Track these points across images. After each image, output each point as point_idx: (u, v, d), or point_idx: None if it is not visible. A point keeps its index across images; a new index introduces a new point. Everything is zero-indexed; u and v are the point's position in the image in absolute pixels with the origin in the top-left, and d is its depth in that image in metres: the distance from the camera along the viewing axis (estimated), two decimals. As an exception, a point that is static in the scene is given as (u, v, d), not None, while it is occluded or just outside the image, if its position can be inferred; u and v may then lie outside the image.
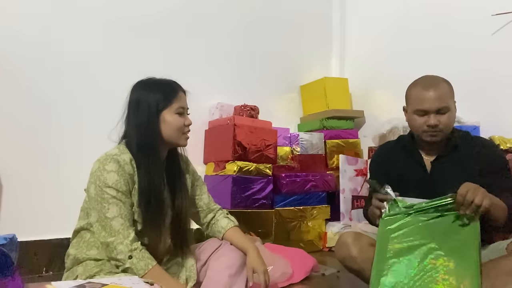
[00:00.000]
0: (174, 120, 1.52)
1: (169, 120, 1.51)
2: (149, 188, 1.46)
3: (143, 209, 1.46)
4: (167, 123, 1.51)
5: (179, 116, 1.53)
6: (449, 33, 2.88)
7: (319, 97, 3.44)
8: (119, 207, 1.41)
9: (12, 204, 2.35)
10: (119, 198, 1.42)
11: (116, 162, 1.44)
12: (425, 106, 1.55)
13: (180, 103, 1.54)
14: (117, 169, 1.43)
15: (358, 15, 3.68)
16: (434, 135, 1.57)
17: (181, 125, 1.53)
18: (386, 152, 1.78)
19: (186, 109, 1.57)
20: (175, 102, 1.53)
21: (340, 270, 2.22)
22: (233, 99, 3.07)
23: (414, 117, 1.60)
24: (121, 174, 1.43)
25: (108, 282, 1.24)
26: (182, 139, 1.56)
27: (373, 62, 3.50)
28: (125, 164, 1.45)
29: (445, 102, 1.54)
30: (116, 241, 1.39)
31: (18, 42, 2.42)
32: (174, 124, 1.52)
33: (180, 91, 1.57)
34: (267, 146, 2.87)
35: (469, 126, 2.52)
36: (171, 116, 1.51)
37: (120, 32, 2.74)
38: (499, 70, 2.58)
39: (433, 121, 1.54)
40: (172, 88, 1.56)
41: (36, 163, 2.43)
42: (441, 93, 1.54)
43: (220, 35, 3.20)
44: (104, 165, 1.43)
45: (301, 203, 2.96)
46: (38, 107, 2.46)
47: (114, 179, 1.42)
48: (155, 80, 1.58)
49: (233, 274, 1.51)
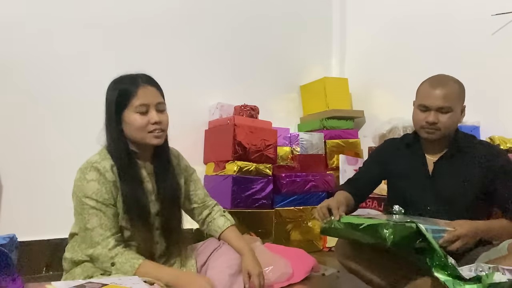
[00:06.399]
0: (134, 120, 1.39)
1: (129, 120, 1.40)
2: (131, 194, 1.40)
3: (130, 216, 1.41)
4: (128, 123, 1.41)
5: (141, 115, 1.40)
6: (449, 33, 2.87)
7: (319, 97, 3.44)
8: (99, 217, 1.37)
9: (12, 204, 2.35)
10: (98, 208, 1.37)
11: (96, 171, 1.38)
12: (428, 102, 1.56)
13: (141, 99, 1.39)
14: (98, 178, 1.38)
15: (358, 15, 3.68)
16: (431, 132, 1.58)
17: (143, 125, 1.40)
18: (390, 148, 1.78)
19: (154, 104, 1.42)
20: (134, 99, 1.39)
21: (340, 270, 2.22)
22: (233, 99, 3.07)
23: (416, 111, 1.61)
24: (102, 183, 1.38)
25: (108, 282, 1.24)
26: (150, 138, 1.42)
27: (373, 62, 3.50)
28: (106, 171, 1.39)
29: (448, 102, 1.54)
30: (96, 252, 1.37)
31: (19, 41, 2.42)
32: (134, 124, 1.40)
33: (141, 86, 1.41)
34: (267, 146, 2.87)
35: (469, 126, 2.52)
36: (132, 115, 1.40)
37: (121, 32, 2.74)
38: (499, 70, 2.57)
39: (432, 118, 1.55)
40: (131, 84, 1.41)
41: (36, 163, 2.42)
42: (446, 92, 1.54)
43: (220, 35, 3.19)
44: (85, 174, 1.39)
45: (301, 203, 2.96)
46: (38, 107, 2.46)
47: (94, 189, 1.37)
48: (119, 77, 1.46)
49: (233, 273, 1.50)
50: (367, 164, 1.84)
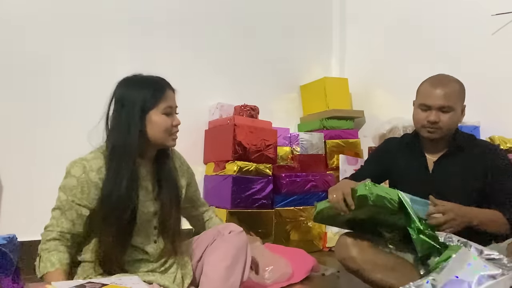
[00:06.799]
0: (162, 121, 1.43)
1: (156, 121, 1.42)
2: (113, 193, 1.37)
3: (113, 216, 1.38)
4: (154, 124, 1.42)
5: (167, 117, 1.44)
6: (449, 33, 2.88)
7: (319, 97, 3.44)
8: (60, 212, 1.39)
9: (12, 204, 2.35)
10: (64, 204, 1.38)
11: (82, 167, 1.39)
12: (429, 102, 1.57)
13: (168, 102, 1.44)
14: (79, 175, 1.38)
15: (358, 15, 3.68)
16: (432, 131, 1.59)
17: (169, 126, 1.44)
18: (390, 147, 1.79)
19: (175, 108, 1.48)
20: (163, 101, 1.43)
21: (340, 270, 2.22)
22: (233, 99, 3.07)
23: (417, 110, 1.62)
24: (81, 181, 1.38)
25: (108, 282, 1.24)
26: (170, 140, 1.48)
27: (373, 62, 3.50)
28: (91, 170, 1.38)
29: (449, 102, 1.55)
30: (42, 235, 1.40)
31: (20, 41, 2.42)
32: (161, 125, 1.43)
33: (168, 89, 1.47)
34: (267, 146, 2.87)
35: (469, 126, 2.52)
36: (159, 116, 1.43)
37: (121, 32, 2.75)
38: (499, 70, 2.58)
39: (433, 118, 1.56)
40: (159, 86, 1.46)
41: (36, 163, 2.42)
42: (448, 92, 1.55)
43: (220, 35, 3.19)
44: (71, 168, 1.40)
45: (301, 203, 2.96)
46: (38, 107, 2.46)
47: (71, 185, 1.38)
48: (142, 77, 1.48)
49: (229, 265, 1.47)
50: (367, 163, 1.86)
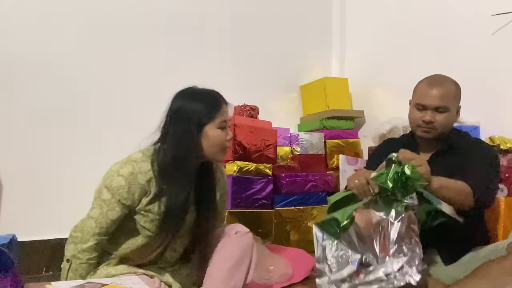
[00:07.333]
0: (217, 136, 1.46)
1: (211, 135, 1.45)
2: (173, 204, 1.40)
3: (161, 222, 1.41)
4: (209, 138, 1.45)
5: (221, 131, 1.47)
6: (449, 33, 2.87)
7: (319, 97, 3.44)
8: (101, 212, 1.38)
9: (12, 204, 2.35)
10: (108, 204, 1.37)
11: (131, 168, 1.39)
12: (425, 102, 1.59)
13: (223, 116, 1.49)
14: (128, 176, 1.38)
15: (358, 15, 3.68)
16: (427, 131, 1.62)
17: (223, 140, 1.47)
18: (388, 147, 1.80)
19: (228, 122, 1.53)
20: (219, 116, 1.47)
21: (340, 270, 2.22)
22: (233, 99, 3.05)
23: (413, 110, 1.65)
24: (129, 182, 1.38)
25: (108, 282, 1.24)
26: (221, 155, 1.50)
27: (373, 62, 3.50)
28: (139, 172, 1.40)
29: (445, 102, 1.57)
30: (72, 239, 1.39)
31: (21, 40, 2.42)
32: (216, 139, 1.45)
33: (223, 104, 1.52)
34: (267, 146, 2.87)
35: (469, 126, 2.52)
36: (214, 131, 1.45)
37: (120, 32, 2.74)
38: (499, 70, 2.57)
39: (429, 118, 1.59)
40: (216, 100, 1.50)
41: (36, 163, 2.43)
42: (443, 92, 1.57)
43: (219, 34, 3.19)
44: (120, 168, 1.40)
45: (301, 203, 2.96)
46: (38, 106, 2.46)
47: (118, 184, 1.38)
48: (198, 91, 1.53)
49: (232, 265, 1.46)
50: (367, 164, 1.89)
